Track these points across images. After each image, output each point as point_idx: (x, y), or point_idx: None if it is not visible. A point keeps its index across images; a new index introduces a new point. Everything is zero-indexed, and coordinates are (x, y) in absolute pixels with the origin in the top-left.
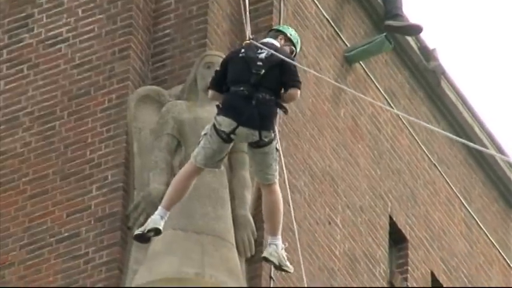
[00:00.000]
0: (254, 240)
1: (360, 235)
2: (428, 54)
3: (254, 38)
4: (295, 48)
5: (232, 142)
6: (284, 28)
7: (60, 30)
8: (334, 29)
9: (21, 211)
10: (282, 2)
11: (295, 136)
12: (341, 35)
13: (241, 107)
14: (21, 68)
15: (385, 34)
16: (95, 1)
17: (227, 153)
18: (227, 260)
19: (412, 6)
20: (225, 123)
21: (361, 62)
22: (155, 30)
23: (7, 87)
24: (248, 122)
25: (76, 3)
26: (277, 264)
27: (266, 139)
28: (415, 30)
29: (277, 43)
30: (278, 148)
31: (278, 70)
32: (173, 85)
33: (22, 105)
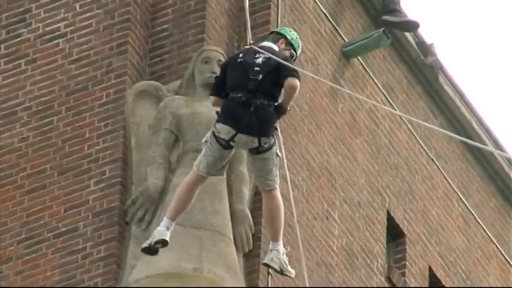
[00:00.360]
0: (252, 234)
1: (358, 230)
2: (426, 49)
3: (254, 43)
4: (295, 52)
5: (232, 149)
6: (286, 32)
7: (58, 25)
8: (332, 24)
9: (19, 206)
10: None
11: (293, 131)
12: (339, 30)
13: (239, 114)
14: (19, 63)
15: (383, 29)
16: None
17: (229, 159)
18: (225, 255)
19: (410, 1)
20: (224, 130)
21: (359, 57)
22: (153, 25)
23: (5, 82)
24: (247, 129)
25: None
26: (278, 269)
27: (266, 145)
28: (413, 26)
29: (275, 47)
30: (279, 154)
31: (275, 74)
32: (171, 80)
33: (20, 100)
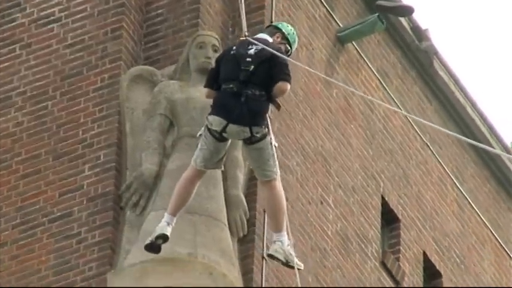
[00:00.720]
0: (246, 220)
1: (352, 215)
2: (420, 34)
3: (249, 35)
4: (290, 48)
5: (227, 141)
6: (283, 26)
7: (52, 10)
8: (326, 9)
9: (13, 191)
10: None
11: (287, 116)
12: (333, 15)
13: (230, 105)
14: (13, 48)
15: (378, 14)
16: None
17: (226, 152)
18: (219, 240)
19: None
20: (216, 122)
21: (353, 42)
22: (148, 10)
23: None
24: (238, 119)
25: None
26: (283, 260)
27: (258, 135)
28: (407, 10)
29: (270, 39)
30: (273, 143)
31: (268, 65)
32: (166, 65)
33: (14, 85)
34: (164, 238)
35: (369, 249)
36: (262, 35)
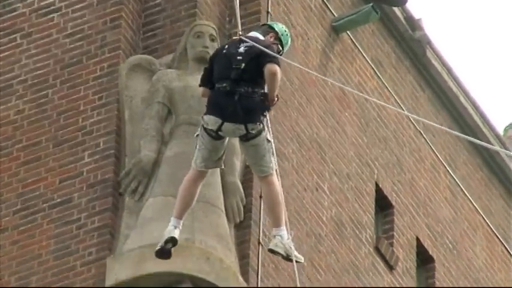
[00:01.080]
0: (243, 206)
1: (347, 201)
2: (414, 24)
3: (243, 34)
4: (282, 48)
5: (223, 139)
6: (277, 26)
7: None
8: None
9: (14, 177)
10: None
11: (283, 104)
12: (328, 5)
13: (224, 104)
14: (14, 37)
15: (372, 4)
16: None
17: (224, 150)
18: (217, 226)
19: None
20: (211, 121)
21: (348, 32)
22: (146, 0)
23: (1, 55)
24: (232, 117)
25: None
26: (284, 254)
27: (253, 131)
28: (401, 1)
29: (261, 37)
30: (269, 139)
31: (257, 61)
32: (164, 54)
33: (15, 73)
34: (173, 241)
35: (363, 234)
36: (254, 33)
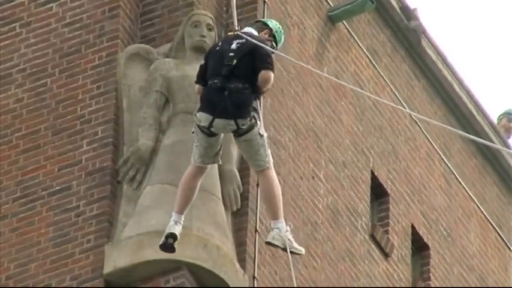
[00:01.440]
0: (240, 194)
1: (343, 189)
2: (409, 13)
3: (239, 30)
4: (276, 45)
5: (218, 135)
6: (271, 23)
7: None
8: None
9: (14, 165)
10: None
11: (279, 93)
12: None
13: (215, 100)
14: (13, 26)
15: None
16: None
17: (220, 146)
18: (214, 214)
19: None
20: (203, 118)
21: (344, 21)
22: None
23: (0, 44)
24: (222, 113)
25: None
26: (282, 247)
27: (244, 127)
28: None
29: (255, 32)
30: (262, 133)
31: (250, 57)
32: (161, 43)
33: (15, 62)
34: (173, 237)
35: (359, 222)
36: (248, 29)
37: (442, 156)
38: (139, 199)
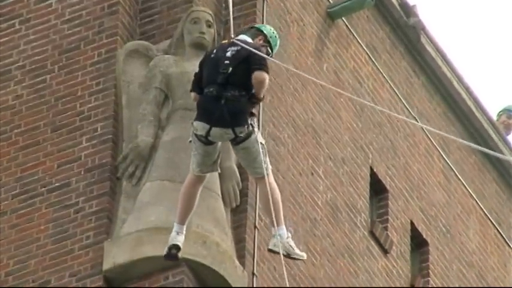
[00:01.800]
0: (239, 190)
1: (342, 185)
2: (408, 10)
3: (234, 38)
4: (271, 51)
5: (215, 144)
6: (265, 29)
7: None
8: None
9: (13, 161)
10: None
11: (279, 90)
12: None
13: (211, 109)
14: (13, 23)
15: None
16: None
17: (218, 154)
18: (213, 210)
19: None
20: (200, 127)
21: (343, 18)
22: None
23: None
24: (219, 122)
25: None
26: (284, 253)
27: (242, 134)
28: None
29: (249, 39)
30: (260, 140)
31: (245, 65)
32: (161, 40)
33: (14, 58)
34: (176, 248)
35: (358, 218)
36: (242, 37)
37: (441, 152)
38: (138, 195)
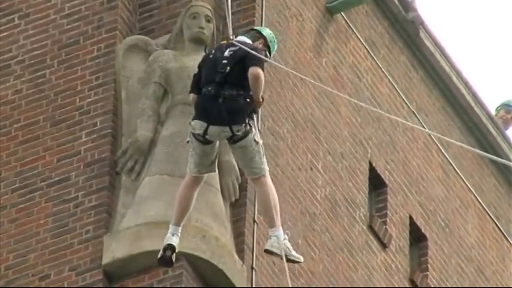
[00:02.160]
0: (238, 185)
1: (341, 180)
2: (407, 5)
3: (233, 39)
4: (269, 54)
5: (213, 143)
6: (266, 32)
7: None
8: None
9: (13, 156)
10: None
11: (278, 85)
12: None
13: (209, 107)
14: (12, 18)
15: None
16: None
17: (216, 154)
18: (212, 204)
19: None
20: (197, 126)
21: (342, 13)
22: None
23: None
24: (217, 120)
25: None
26: (281, 254)
27: (239, 133)
28: None
29: (248, 41)
30: (257, 140)
31: (243, 64)
32: (160, 35)
33: (13, 53)
34: (171, 248)
35: (357, 213)
36: (241, 38)
37: (440, 147)
38: (138, 190)
